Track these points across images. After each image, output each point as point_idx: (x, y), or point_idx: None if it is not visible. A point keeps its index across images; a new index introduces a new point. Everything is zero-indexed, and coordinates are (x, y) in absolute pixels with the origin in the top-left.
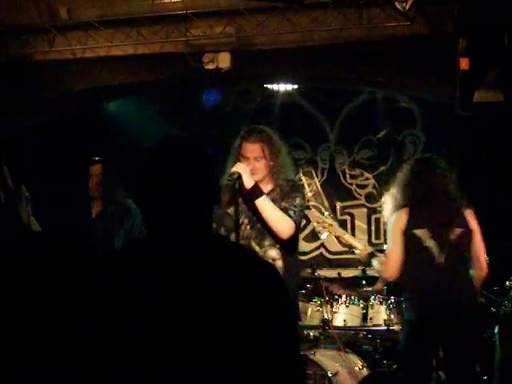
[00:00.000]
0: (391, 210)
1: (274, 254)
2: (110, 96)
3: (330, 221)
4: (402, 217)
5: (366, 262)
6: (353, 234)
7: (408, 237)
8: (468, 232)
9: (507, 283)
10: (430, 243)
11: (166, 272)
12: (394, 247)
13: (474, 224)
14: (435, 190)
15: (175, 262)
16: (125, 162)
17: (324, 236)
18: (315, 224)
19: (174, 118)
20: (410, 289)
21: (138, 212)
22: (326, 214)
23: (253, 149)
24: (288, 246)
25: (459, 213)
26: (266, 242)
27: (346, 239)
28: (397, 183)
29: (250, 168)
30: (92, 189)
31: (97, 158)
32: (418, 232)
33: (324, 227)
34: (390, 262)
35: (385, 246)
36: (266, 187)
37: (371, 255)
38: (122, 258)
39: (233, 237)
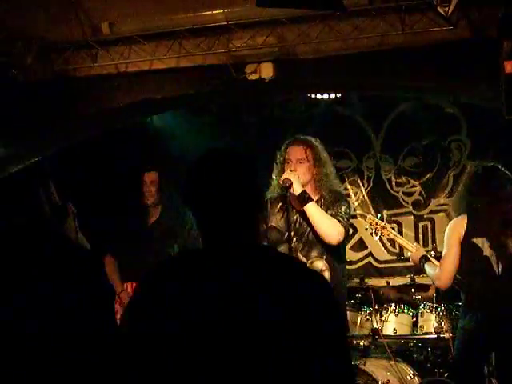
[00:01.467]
0: (452, 217)
1: (320, 265)
2: (153, 110)
3: (383, 223)
4: (461, 224)
5: (419, 266)
6: None
7: (467, 245)
8: None
9: None
10: (489, 252)
11: (215, 283)
12: (449, 255)
13: None
14: (500, 200)
15: (225, 273)
16: (174, 173)
17: (376, 238)
18: (368, 227)
19: (218, 129)
20: (467, 297)
21: (193, 224)
22: (379, 217)
23: (296, 151)
24: (335, 256)
25: None
26: (313, 254)
27: (399, 242)
28: (459, 189)
29: (296, 173)
30: (147, 196)
31: (150, 167)
32: (477, 241)
33: (377, 229)
34: (443, 270)
35: (433, 254)
36: (312, 196)
37: (424, 258)
38: (173, 267)
39: (279, 249)
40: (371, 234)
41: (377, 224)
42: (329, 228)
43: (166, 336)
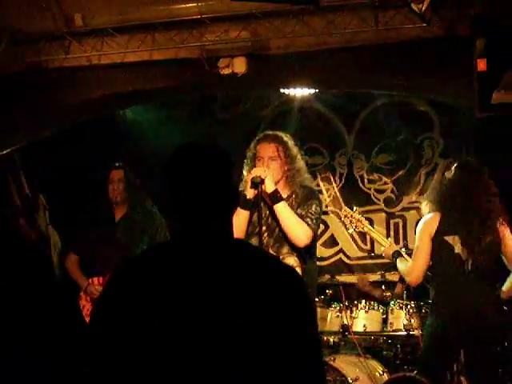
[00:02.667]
0: (423, 213)
1: (291, 261)
2: (125, 102)
3: (358, 216)
4: (433, 221)
5: (392, 261)
6: (372, 239)
7: (438, 242)
8: (497, 240)
9: None
10: (460, 250)
11: (189, 277)
12: (420, 251)
13: (504, 231)
14: (474, 197)
15: (197, 265)
16: (143, 168)
17: (350, 231)
18: (343, 219)
19: (191, 125)
20: (437, 293)
21: (162, 219)
22: (355, 209)
23: (267, 148)
24: (305, 254)
25: (492, 221)
26: (284, 250)
27: (373, 235)
28: (432, 186)
29: (269, 170)
30: (113, 194)
31: (117, 164)
32: (449, 238)
33: (352, 222)
34: (414, 266)
35: (404, 251)
36: (283, 192)
37: (396, 254)
38: (144, 260)
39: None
40: (346, 226)
41: (352, 217)
42: (297, 231)
43: (137, 332)
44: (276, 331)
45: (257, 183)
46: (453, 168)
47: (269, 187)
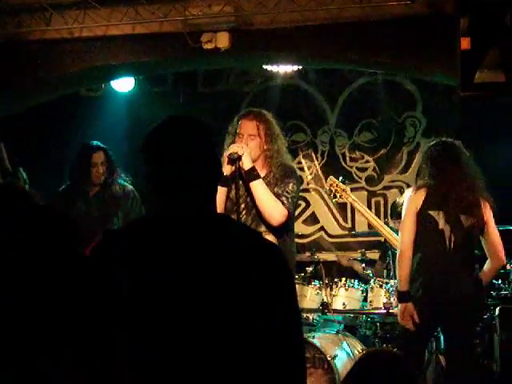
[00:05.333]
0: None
1: (270, 239)
2: (107, 76)
3: (343, 186)
4: (420, 195)
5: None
6: (353, 217)
7: (423, 217)
8: (481, 222)
9: (508, 266)
10: (444, 226)
11: (171, 250)
12: (407, 223)
13: (488, 215)
14: (456, 177)
15: (180, 240)
16: (124, 143)
17: (334, 200)
18: (328, 188)
19: (173, 100)
20: (418, 267)
21: (137, 195)
22: (341, 179)
23: (248, 125)
24: (285, 230)
25: (476, 202)
26: (262, 228)
27: (356, 207)
28: (420, 162)
29: (248, 147)
30: (96, 177)
31: (96, 146)
32: (434, 213)
33: (337, 191)
34: (402, 240)
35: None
36: (261, 171)
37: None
38: (127, 234)
39: None
40: (333, 195)
41: (337, 186)
42: (272, 209)
43: (118, 303)
44: (257, 305)
45: (234, 160)
46: (430, 145)
47: (246, 164)
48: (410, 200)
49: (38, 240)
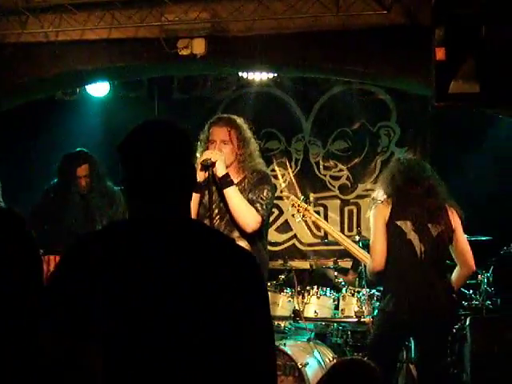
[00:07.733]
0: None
1: (243, 245)
2: (82, 81)
3: (305, 205)
4: (386, 207)
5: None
6: None
7: (391, 228)
8: (449, 230)
9: (479, 277)
10: (412, 236)
11: (145, 254)
12: (378, 236)
13: (456, 223)
14: (418, 194)
15: (154, 244)
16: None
17: (298, 219)
18: (291, 208)
19: (148, 105)
20: (389, 279)
21: (122, 200)
22: (302, 198)
23: (220, 132)
24: (257, 237)
25: (442, 210)
26: (235, 234)
27: (320, 225)
28: (383, 175)
29: (222, 154)
30: (82, 188)
31: (80, 154)
32: (401, 223)
33: (299, 211)
34: (374, 251)
35: (357, 238)
36: (235, 177)
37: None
38: (103, 235)
39: None
40: (293, 215)
41: (299, 206)
42: (246, 216)
43: (90, 309)
44: (229, 311)
45: (207, 166)
46: (401, 162)
47: (220, 171)
48: (378, 211)
49: None
